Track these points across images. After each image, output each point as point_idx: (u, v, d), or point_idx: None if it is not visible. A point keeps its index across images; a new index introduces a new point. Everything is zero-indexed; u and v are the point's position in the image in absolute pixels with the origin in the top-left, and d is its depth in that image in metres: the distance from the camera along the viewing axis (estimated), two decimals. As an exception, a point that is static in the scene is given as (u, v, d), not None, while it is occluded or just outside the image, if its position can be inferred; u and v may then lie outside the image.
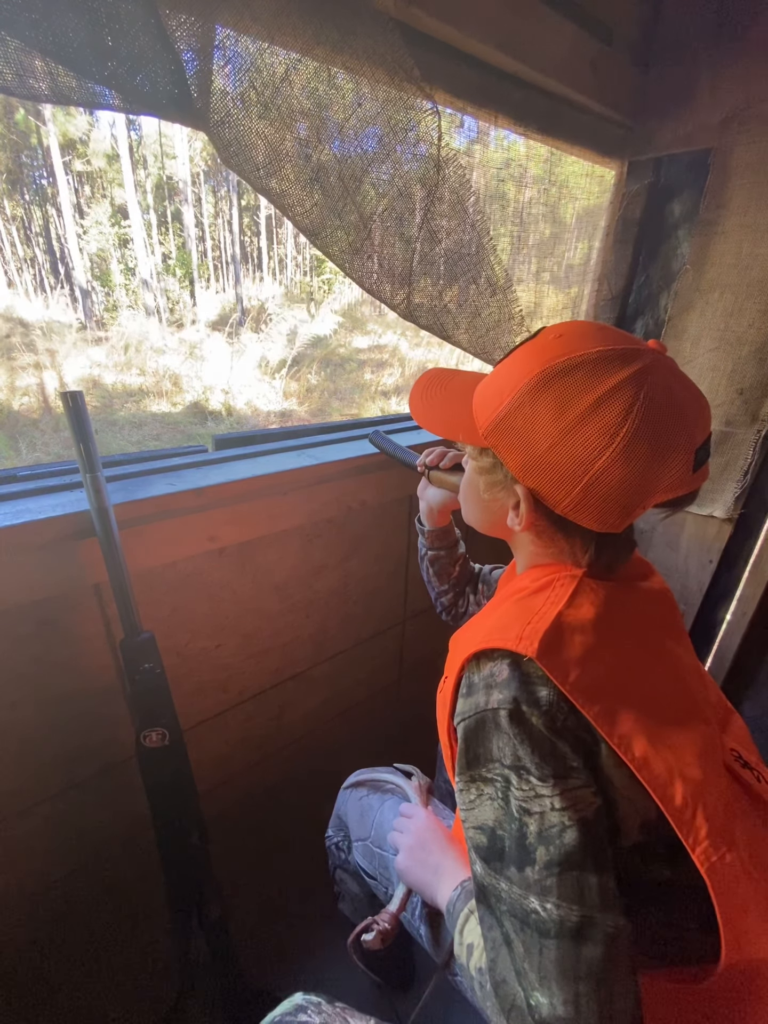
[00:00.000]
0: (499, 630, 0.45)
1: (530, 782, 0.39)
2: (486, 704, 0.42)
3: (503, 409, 0.45)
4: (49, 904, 0.90)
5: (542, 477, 0.44)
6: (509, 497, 0.50)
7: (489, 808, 0.42)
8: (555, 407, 0.42)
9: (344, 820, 0.80)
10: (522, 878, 0.38)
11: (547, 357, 0.44)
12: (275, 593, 1.00)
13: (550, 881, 0.37)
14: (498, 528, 0.55)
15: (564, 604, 0.45)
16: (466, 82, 0.84)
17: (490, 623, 0.48)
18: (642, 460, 0.41)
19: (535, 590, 0.48)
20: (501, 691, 0.42)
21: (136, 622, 0.70)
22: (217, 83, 0.60)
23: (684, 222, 1.11)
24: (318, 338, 9.57)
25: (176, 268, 13.54)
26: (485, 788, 0.42)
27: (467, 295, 0.88)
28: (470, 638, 0.49)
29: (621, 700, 0.42)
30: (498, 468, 0.49)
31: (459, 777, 0.45)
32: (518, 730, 0.40)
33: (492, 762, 0.42)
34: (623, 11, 0.97)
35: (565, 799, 0.38)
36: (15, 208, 13.53)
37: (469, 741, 0.44)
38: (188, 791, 0.76)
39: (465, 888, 0.55)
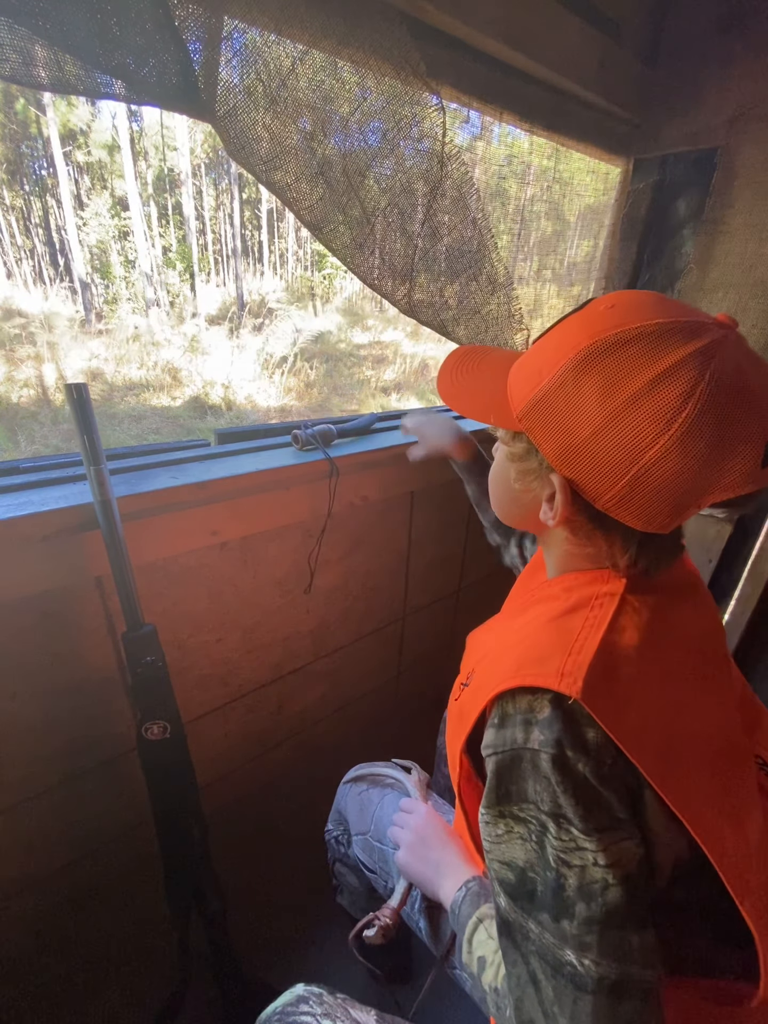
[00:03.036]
0: (536, 663, 0.40)
1: (571, 832, 0.36)
2: (524, 742, 0.39)
3: (541, 389, 0.41)
4: (48, 895, 0.90)
5: (582, 466, 0.40)
6: (543, 488, 0.45)
7: (520, 848, 0.39)
8: (603, 387, 0.37)
9: (344, 814, 0.80)
10: (558, 929, 0.36)
11: (596, 329, 0.38)
12: (276, 588, 1.00)
13: (590, 938, 0.35)
14: (529, 521, 0.51)
15: (606, 629, 0.40)
16: (473, 77, 0.84)
17: (523, 648, 0.43)
18: (702, 451, 0.36)
19: (570, 608, 0.44)
20: (542, 731, 0.38)
21: (138, 615, 0.70)
22: (224, 75, 0.59)
23: (689, 220, 1.10)
24: (318, 334, 9.54)
25: (176, 261, 13.47)
26: (516, 827, 0.39)
27: (467, 292, 0.88)
28: (498, 657, 0.45)
29: (670, 742, 0.38)
30: (532, 455, 0.45)
31: (487, 810, 0.41)
32: (561, 777, 0.36)
33: (527, 803, 0.39)
34: (631, 7, 0.97)
35: (609, 855, 0.35)
36: (15, 198, 13.43)
37: (501, 776, 0.40)
38: (188, 784, 0.76)
39: (470, 890, 0.54)
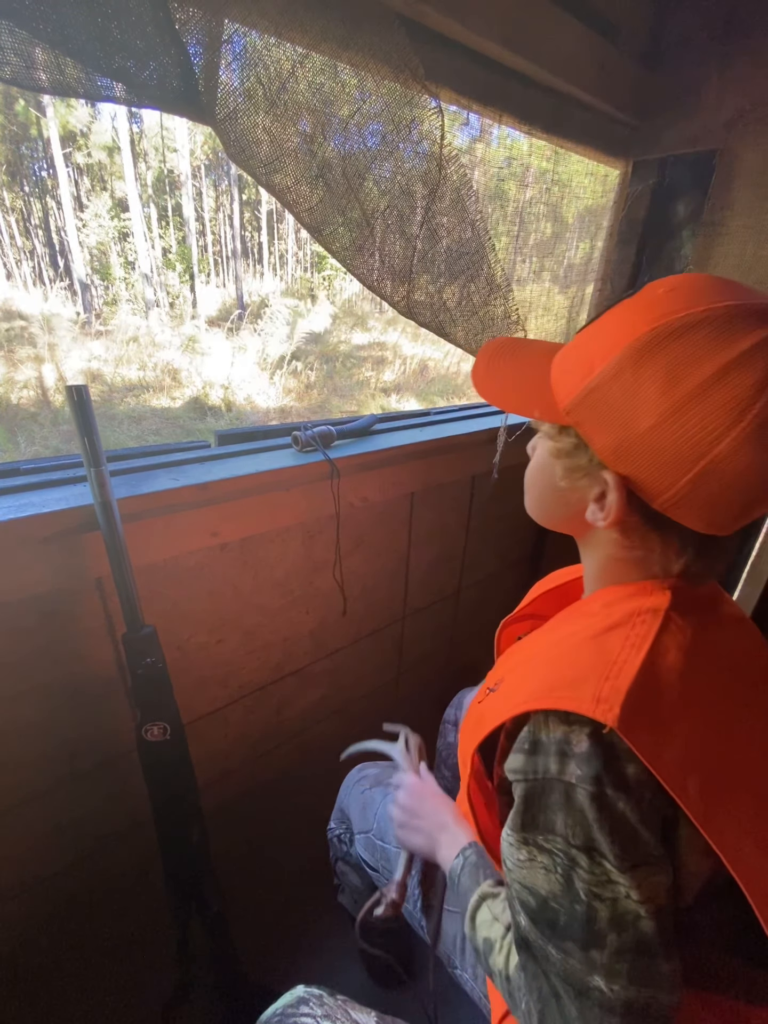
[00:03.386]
0: (570, 685, 0.38)
1: (604, 867, 0.35)
2: (559, 774, 0.36)
3: (594, 379, 0.38)
4: (48, 896, 0.90)
5: (640, 462, 0.37)
6: (592, 486, 0.42)
7: (543, 878, 0.38)
8: (666, 376, 0.35)
9: (346, 812, 0.80)
10: (586, 957, 0.36)
11: (657, 314, 0.36)
12: (276, 589, 1.00)
13: (621, 967, 0.35)
14: (572, 523, 0.47)
15: (647, 650, 0.37)
16: (472, 79, 0.84)
17: (558, 667, 0.41)
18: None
19: (610, 626, 0.41)
20: (580, 766, 0.36)
21: (138, 616, 0.70)
22: (224, 78, 0.60)
23: (688, 222, 1.11)
24: (318, 334, 9.55)
25: (176, 262, 13.48)
26: (540, 856, 0.38)
27: (466, 293, 0.89)
28: (529, 670, 0.43)
29: (713, 774, 0.36)
30: (582, 451, 0.41)
31: (511, 832, 0.40)
32: (599, 815, 0.35)
33: (554, 835, 0.37)
34: (630, 10, 0.97)
35: (643, 890, 0.34)
36: (15, 200, 13.45)
37: (529, 804, 0.39)
38: (188, 785, 0.76)
39: (468, 860, 0.54)
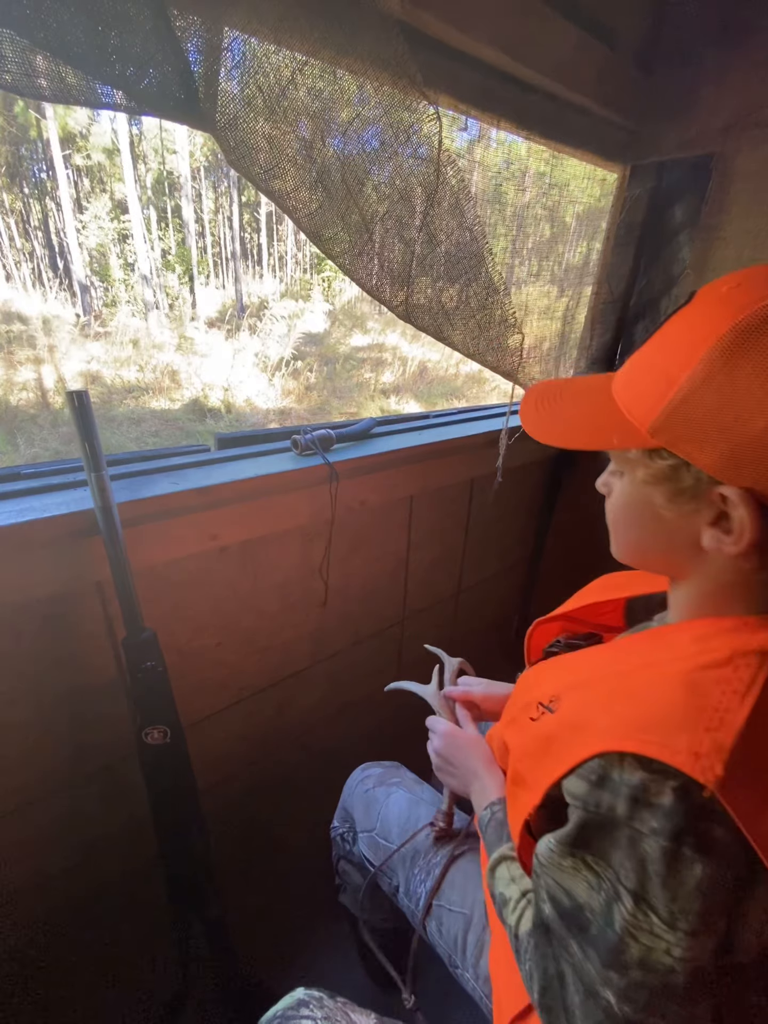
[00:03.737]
0: (659, 728, 0.33)
1: (649, 918, 0.32)
2: (628, 819, 0.34)
3: (679, 391, 0.35)
4: (48, 899, 0.90)
5: (762, 468, 0.33)
6: (700, 509, 0.38)
7: (583, 890, 0.36)
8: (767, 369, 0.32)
9: (350, 812, 0.81)
10: (605, 973, 0.34)
11: (734, 309, 0.34)
12: (275, 592, 1.00)
13: (637, 996, 0.33)
14: (677, 557, 0.42)
15: (755, 701, 0.33)
16: (470, 85, 0.85)
17: (641, 703, 0.36)
18: None
19: (706, 664, 0.36)
20: (657, 818, 0.32)
21: (138, 620, 0.70)
22: (224, 85, 0.60)
23: (686, 226, 1.11)
24: (317, 335, 9.55)
25: (176, 264, 13.49)
26: (586, 872, 0.37)
27: (464, 297, 0.89)
28: (602, 698, 0.39)
29: None
30: (683, 471, 0.37)
31: (557, 844, 0.38)
32: (668, 874, 0.32)
33: (607, 867, 0.35)
34: (627, 15, 0.98)
35: (687, 951, 0.32)
36: (14, 201, 13.46)
37: (584, 829, 0.37)
38: (188, 788, 0.76)
39: (495, 815, 0.56)
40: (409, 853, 0.70)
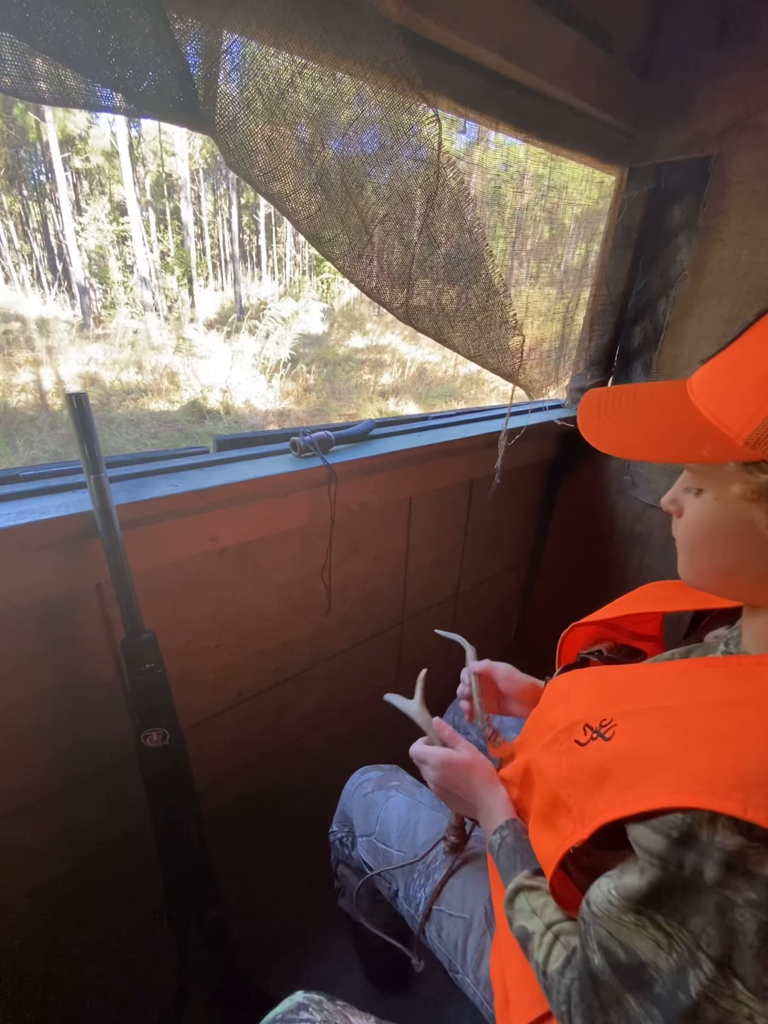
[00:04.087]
0: (756, 781, 0.31)
1: (733, 985, 0.30)
2: (718, 885, 0.31)
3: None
4: (47, 903, 0.90)
5: None
6: None
7: (648, 949, 0.34)
8: None
9: (349, 816, 0.80)
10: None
11: None
12: (274, 593, 1.00)
13: None
14: None
15: None
16: (469, 88, 0.85)
17: (736, 755, 0.33)
18: None
19: None
20: (757, 890, 0.30)
21: (138, 622, 0.70)
22: (223, 88, 0.60)
23: (683, 228, 1.12)
24: (316, 337, 9.56)
25: (175, 266, 13.50)
26: (654, 931, 0.34)
27: (464, 299, 0.89)
28: (676, 734, 0.36)
29: None
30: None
31: (621, 899, 0.35)
32: (763, 947, 0.29)
33: (682, 929, 0.32)
34: (624, 19, 0.98)
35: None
36: (13, 203, 13.46)
37: (659, 888, 0.33)
38: (187, 791, 0.76)
39: (505, 841, 0.53)
40: (409, 856, 0.70)
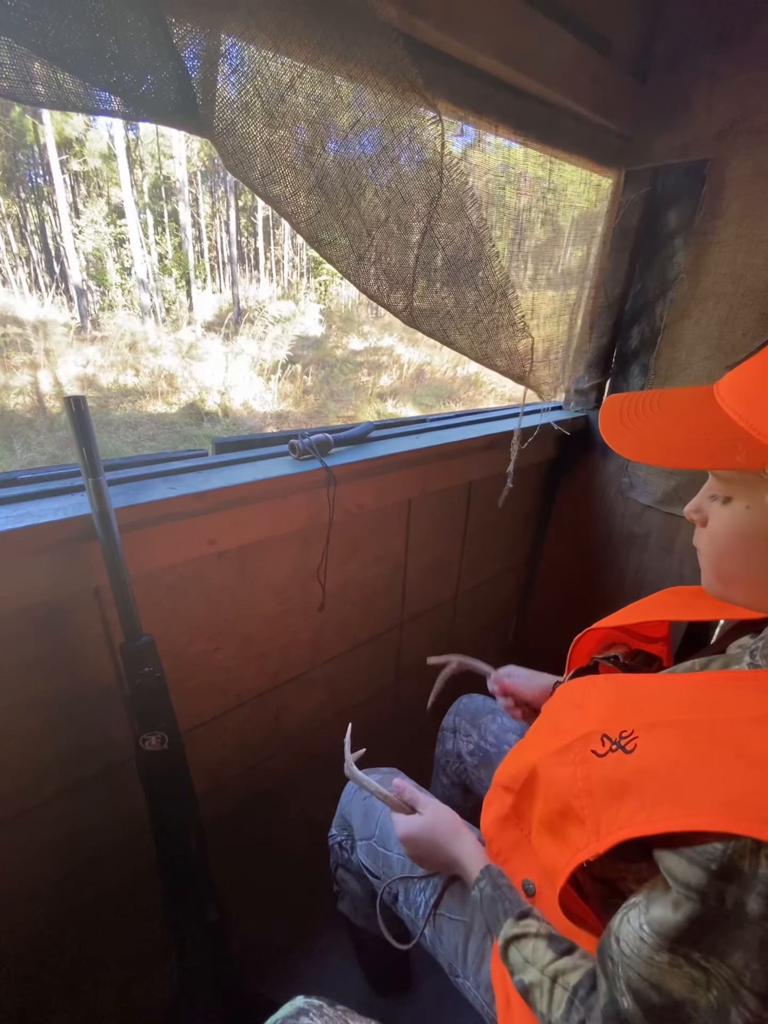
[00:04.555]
0: None
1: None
2: (763, 917, 0.30)
3: None
4: (46, 907, 0.89)
5: None
6: None
7: (684, 987, 0.32)
8: None
9: (348, 819, 0.80)
10: None
11: None
12: (273, 596, 1.00)
13: None
14: None
15: None
16: (467, 92, 0.85)
17: (761, 772, 0.32)
18: None
19: None
20: None
21: (137, 625, 0.70)
22: (222, 91, 0.60)
23: (680, 231, 1.12)
24: (315, 339, 9.57)
25: (172, 268, 13.51)
26: (691, 970, 0.32)
27: (468, 301, 0.89)
28: (702, 754, 0.35)
29: None
30: None
31: (654, 936, 0.34)
32: None
33: (722, 965, 0.31)
34: (622, 24, 0.99)
35: None
36: (10, 206, 13.46)
37: (697, 924, 0.32)
38: (186, 794, 0.76)
39: (484, 894, 0.53)
40: (409, 862, 0.69)
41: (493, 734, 0.86)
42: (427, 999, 0.91)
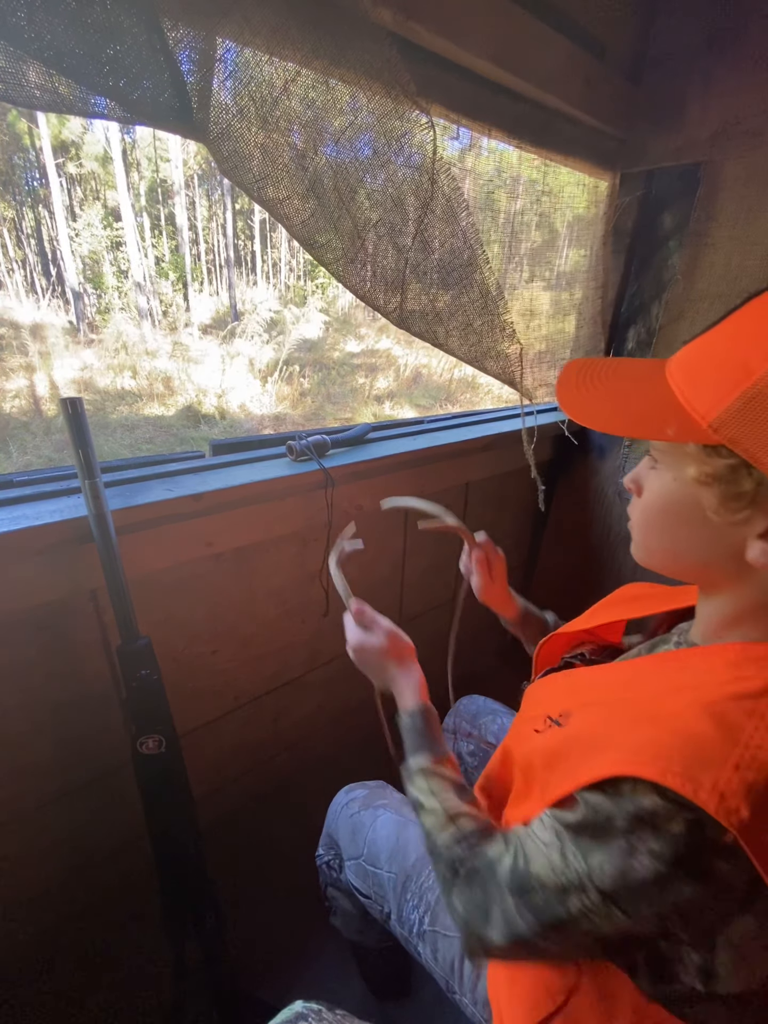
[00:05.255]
0: (683, 759, 0.32)
1: (612, 911, 0.34)
2: (626, 832, 0.33)
3: (757, 383, 0.32)
4: (42, 913, 0.89)
5: None
6: (756, 517, 0.35)
7: (543, 867, 0.38)
8: None
9: (335, 838, 0.77)
10: (537, 930, 0.38)
11: None
12: (271, 598, 1.00)
13: (562, 940, 0.38)
14: (716, 568, 0.40)
15: None
16: (462, 95, 0.86)
17: (664, 731, 0.34)
18: None
19: (738, 694, 0.34)
20: (660, 844, 0.31)
21: (134, 628, 0.70)
22: (217, 96, 0.60)
23: (675, 233, 1.13)
24: (312, 342, 9.58)
25: (169, 271, 13.51)
26: (556, 856, 0.38)
27: (459, 304, 0.89)
28: (618, 719, 0.38)
29: None
30: (743, 473, 0.34)
31: (553, 817, 0.39)
32: (652, 891, 0.32)
33: (582, 863, 0.36)
34: (616, 27, 0.99)
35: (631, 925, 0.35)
36: (6, 209, 13.45)
37: (582, 823, 0.37)
38: (184, 798, 0.76)
39: (415, 724, 0.60)
40: (400, 878, 0.66)
41: (493, 735, 0.86)
42: (427, 1004, 0.91)
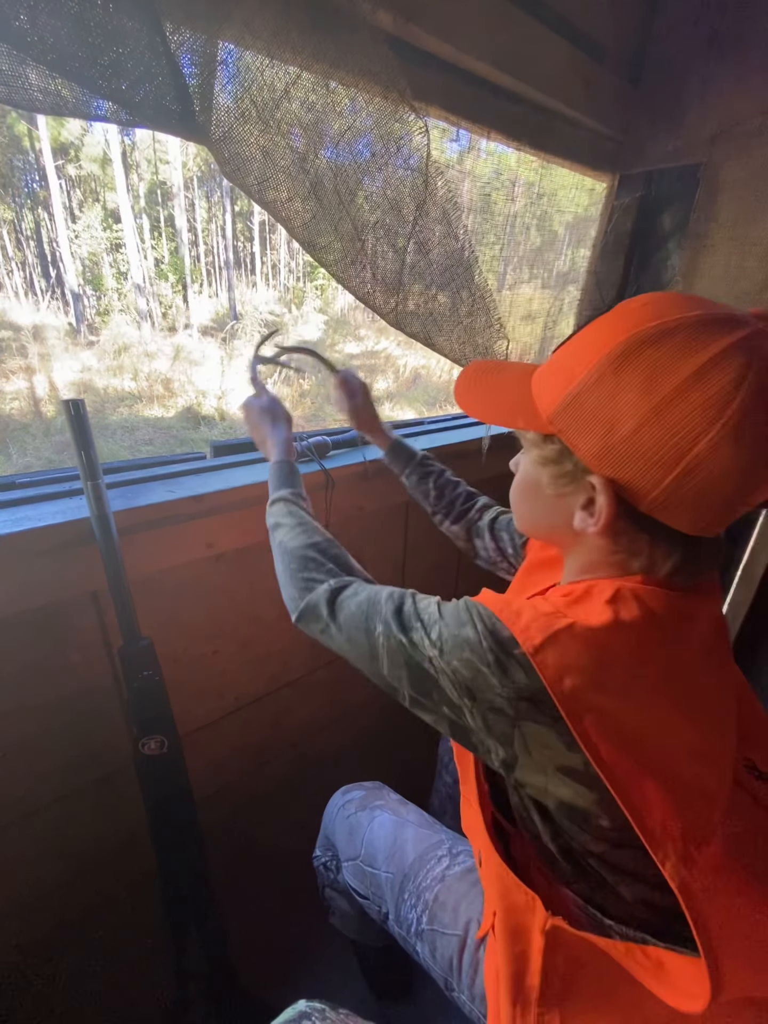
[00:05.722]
0: (509, 606, 0.41)
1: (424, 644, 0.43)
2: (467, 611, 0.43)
3: (575, 387, 0.40)
4: (43, 915, 0.89)
5: (625, 465, 0.38)
6: (578, 492, 0.43)
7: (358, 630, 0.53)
8: (645, 379, 0.36)
9: (332, 839, 0.77)
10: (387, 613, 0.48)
11: (632, 323, 0.38)
12: (272, 599, 1.00)
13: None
14: (559, 532, 0.48)
15: (592, 608, 0.39)
16: (461, 97, 0.86)
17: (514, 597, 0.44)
18: (756, 441, 0.35)
19: (568, 592, 0.43)
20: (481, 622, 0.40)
21: (135, 629, 0.70)
22: (219, 99, 0.61)
23: (674, 234, 1.13)
24: (310, 343, 9.58)
25: (169, 273, 13.52)
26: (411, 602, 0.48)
27: (452, 304, 0.90)
28: None
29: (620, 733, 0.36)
30: (566, 457, 0.43)
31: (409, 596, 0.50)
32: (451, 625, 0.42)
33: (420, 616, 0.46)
34: (615, 29, 1.00)
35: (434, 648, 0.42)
36: (6, 211, 13.46)
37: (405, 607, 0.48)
38: (185, 799, 0.76)
39: (281, 468, 0.72)
40: (398, 878, 0.66)
41: None
42: (430, 1002, 0.91)
